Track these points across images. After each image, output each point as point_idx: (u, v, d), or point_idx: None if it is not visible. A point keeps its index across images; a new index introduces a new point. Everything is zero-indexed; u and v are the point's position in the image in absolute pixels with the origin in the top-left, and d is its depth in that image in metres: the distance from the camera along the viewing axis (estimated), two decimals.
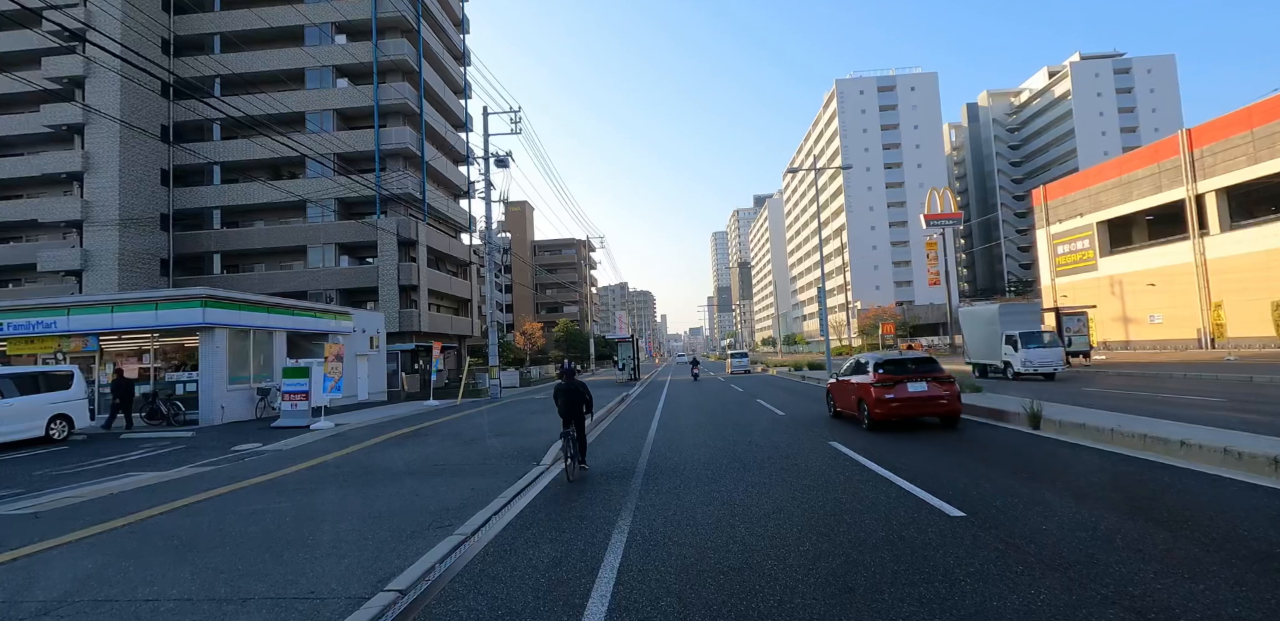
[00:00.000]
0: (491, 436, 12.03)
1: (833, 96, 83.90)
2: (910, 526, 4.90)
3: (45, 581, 4.57)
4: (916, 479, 6.57)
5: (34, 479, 9.36)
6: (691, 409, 16.43)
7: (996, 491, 5.90)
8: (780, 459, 8.23)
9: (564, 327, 68.84)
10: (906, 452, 8.16)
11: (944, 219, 47.81)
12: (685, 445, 9.89)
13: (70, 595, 4.24)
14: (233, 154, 35.03)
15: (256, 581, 4.33)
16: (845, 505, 5.69)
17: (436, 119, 38.87)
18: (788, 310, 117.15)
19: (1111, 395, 14.20)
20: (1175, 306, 31.36)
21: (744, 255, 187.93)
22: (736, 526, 5.16)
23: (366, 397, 24.54)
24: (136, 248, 33.20)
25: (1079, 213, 37.91)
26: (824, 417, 12.65)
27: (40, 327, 17.08)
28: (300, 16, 35.15)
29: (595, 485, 7.21)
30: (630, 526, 5.31)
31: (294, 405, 15.33)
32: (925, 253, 53.25)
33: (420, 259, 35.02)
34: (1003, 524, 4.83)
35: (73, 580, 4.56)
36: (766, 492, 6.36)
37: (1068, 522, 4.79)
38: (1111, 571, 3.76)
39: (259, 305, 19.03)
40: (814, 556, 4.32)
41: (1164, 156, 31.78)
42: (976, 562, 4.01)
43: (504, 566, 4.45)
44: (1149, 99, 76.89)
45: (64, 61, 32.80)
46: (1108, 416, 9.00)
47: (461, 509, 6.19)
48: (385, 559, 4.69)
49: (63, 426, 14.13)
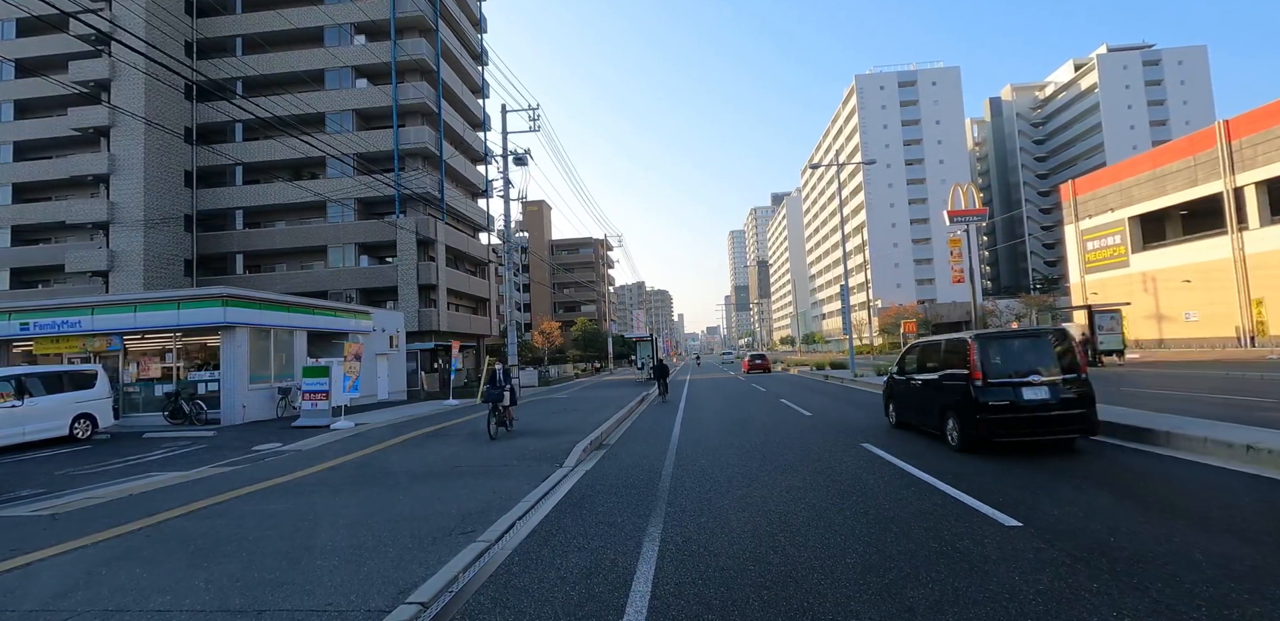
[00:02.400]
0: (512, 436, 11.82)
1: (852, 92, 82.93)
2: (964, 537, 4.57)
3: (57, 588, 4.41)
4: (960, 483, 6.22)
5: (55, 479, 9.33)
6: (714, 408, 16.10)
7: (1051, 499, 5.53)
8: (812, 461, 7.91)
9: (582, 327, 68.77)
10: (942, 455, 7.79)
11: (968, 215, 46.61)
12: (711, 446, 9.59)
13: (82, 604, 4.06)
14: (254, 155, 35.33)
15: (272, 591, 4.12)
16: (888, 512, 5.37)
17: (454, 118, 38.89)
18: (806, 309, 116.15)
19: (1153, 395, 13.64)
20: (1212, 303, 30.38)
21: (762, 254, 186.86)
22: (776, 534, 4.86)
23: (386, 397, 24.54)
24: (161, 248, 33.62)
25: (1110, 208, 36.92)
26: (854, 418, 12.26)
27: (65, 327, 17.23)
28: (320, 17, 35.36)
29: (621, 488, 6.95)
30: (661, 534, 5.03)
31: (314, 404, 15.28)
32: (948, 250, 52.33)
33: (439, 258, 35.05)
34: (1064, 535, 4.48)
35: (85, 587, 4.39)
36: (802, 497, 6.05)
37: (1136, 534, 4.43)
38: (1199, 592, 3.41)
39: (279, 304, 19.05)
40: (862, 569, 4.01)
41: (1200, 149, 30.79)
42: (1044, 579, 3.68)
43: (530, 577, 4.20)
44: (1179, 91, 74.96)
45: (90, 65, 33.31)
46: (1160, 418, 8.54)
47: (484, 513, 5.96)
48: (406, 567, 4.47)
49: (86, 426, 14.19)
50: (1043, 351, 7.50)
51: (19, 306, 18.24)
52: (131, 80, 32.83)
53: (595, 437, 10.72)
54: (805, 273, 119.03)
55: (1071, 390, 7.22)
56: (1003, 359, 7.47)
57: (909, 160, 79.61)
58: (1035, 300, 55.12)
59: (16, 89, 35.90)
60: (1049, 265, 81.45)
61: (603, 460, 8.95)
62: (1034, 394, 7.21)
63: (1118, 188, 36.30)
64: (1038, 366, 7.39)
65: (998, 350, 7.54)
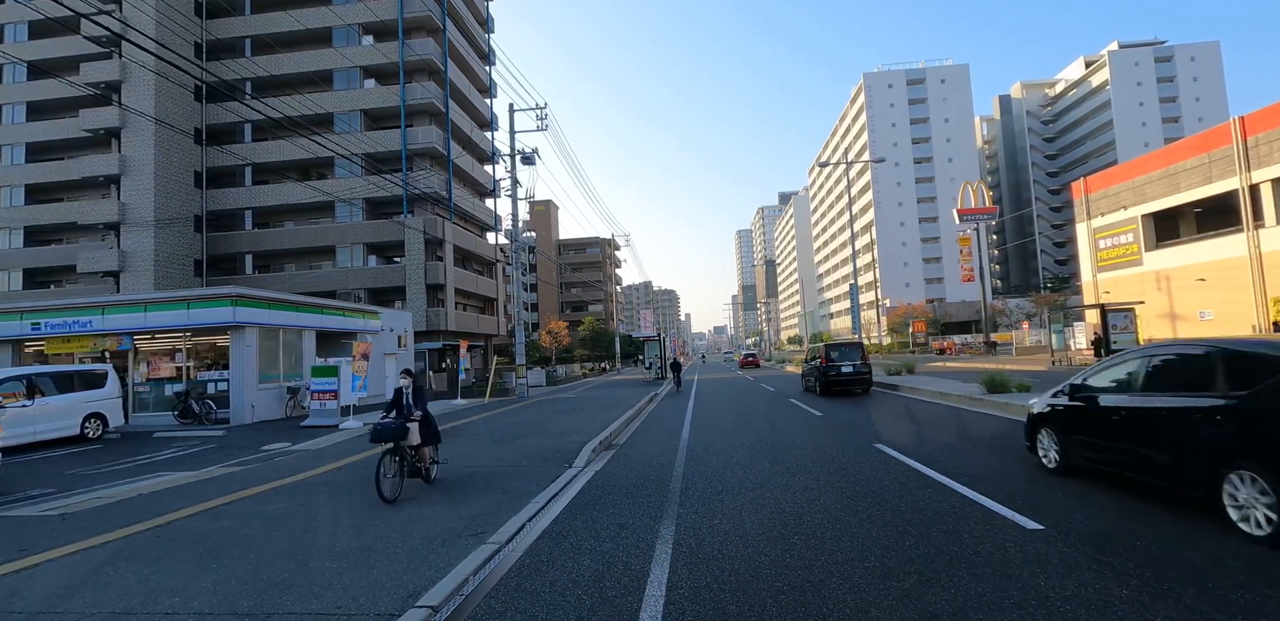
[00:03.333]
0: (521, 436, 11.77)
1: (860, 90, 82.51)
2: (984, 540, 4.46)
3: (64, 589, 4.37)
4: (978, 486, 6.10)
5: (65, 478, 9.34)
6: (723, 408, 16.01)
7: (1073, 502, 5.41)
8: (824, 462, 7.80)
9: (589, 326, 68.75)
10: (961, 457, 7.67)
11: (978, 213, 46.45)
12: (721, 447, 9.50)
13: (89, 606, 4.02)
14: (263, 155, 35.47)
15: (281, 593, 4.06)
16: (905, 514, 5.26)
17: (462, 118, 38.94)
18: (814, 308, 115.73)
19: None
20: (1228, 302, 29.96)
21: (769, 253, 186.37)
22: (790, 537, 4.77)
23: None
24: (171, 249, 33.81)
25: (1122, 205, 36.49)
26: (864, 420, 12.14)
27: (77, 327, 17.30)
28: (328, 17, 35.46)
29: (631, 489, 6.87)
30: (674, 536, 4.95)
31: (323, 404, 15.27)
32: (958, 248, 51.95)
33: (447, 258, 35.08)
34: (1088, 539, 4.36)
35: (92, 588, 4.35)
36: (816, 499, 5.95)
37: (1164, 540, 4.31)
38: (1233, 599, 3.30)
39: (288, 304, 19.08)
40: (882, 574, 3.91)
41: (1215, 145, 30.36)
42: (1072, 585, 3.57)
43: (542, 580, 4.12)
44: (1192, 88, 74.15)
45: (102, 67, 33.53)
46: None
47: (493, 514, 5.89)
48: (415, 569, 4.40)
49: (97, 425, 14.24)
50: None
51: (31, 306, 18.34)
52: (142, 81, 33.03)
53: (604, 438, 10.65)
54: (813, 272, 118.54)
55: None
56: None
57: (917, 158, 79.10)
58: (1045, 299, 54.68)
59: (29, 91, 36.20)
60: (1059, 264, 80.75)
61: (612, 460, 8.88)
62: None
63: (1130, 185, 35.87)
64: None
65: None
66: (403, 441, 6.91)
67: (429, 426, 7.36)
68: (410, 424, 7.02)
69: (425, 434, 7.26)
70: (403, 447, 6.93)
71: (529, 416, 15.93)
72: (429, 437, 7.38)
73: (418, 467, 7.21)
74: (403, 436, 6.87)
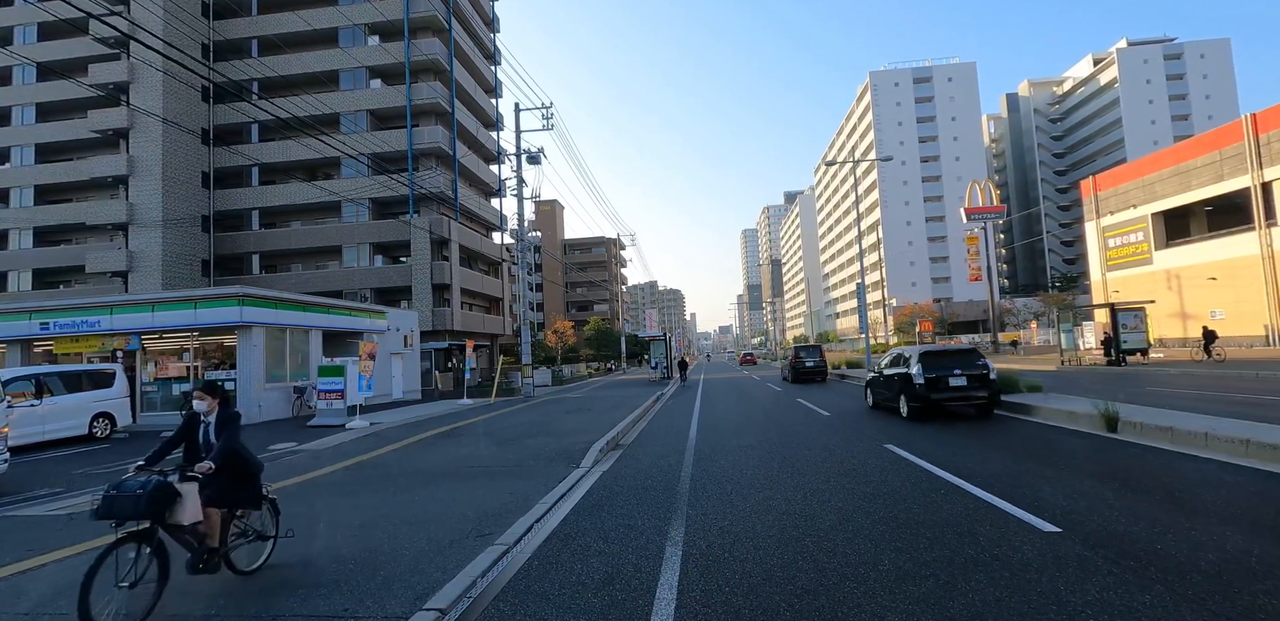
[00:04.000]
0: (528, 436, 11.73)
1: (866, 89, 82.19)
2: (1000, 543, 4.37)
3: (67, 588, 4.33)
4: (993, 487, 6.01)
5: (73, 478, 9.35)
6: (729, 407, 15.92)
7: (1090, 503, 5.31)
8: (834, 463, 7.72)
9: (595, 326, 68.66)
10: (974, 457, 7.57)
11: (985, 212, 46.11)
12: (729, 447, 9.42)
13: None
14: (270, 155, 35.57)
15: (287, 596, 4.02)
16: (918, 517, 5.18)
17: (467, 118, 38.95)
18: (820, 307, 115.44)
19: (1183, 395, 13.28)
20: (1239, 301, 29.69)
21: (775, 252, 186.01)
22: (802, 539, 4.70)
23: (401, 396, 24.58)
24: (179, 249, 33.95)
25: (1132, 204, 36.22)
26: (868, 414, 12.04)
27: (85, 327, 17.38)
28: (335, 18, 35.55)
29: (640, 489, 6.81)
30: (684, 538, 4.88)
31: (329, 404, 15.29)
32: (965, 248, 51.64)
33: (453, 257, 35.10)
34: (1107, 542, 4.28)
35: None
36: (827, 500, 5.87)
37: (1184, 542, 4.21)
38: (1260, 604, 3.21)
39: (295, 304, 19.11)
40: (897, 577, 3.84)
41: (1226, 143, 30.10)
42: (1092, 589, 3.49)
43: (551, 583, 4.06)
44: (1202, 85, 73.53)
45: (110, 68, 33.71)
46: (1197, 419, 8.26)
47: (501, 515, 5.84)
48: (423, 571, 4.35)
49: (105, 424, 14.29)
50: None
51: (39, 306, 18.44)
52: (150, 82, 33.18)
53: (611, 438, 10.60)
54: (819, 271, 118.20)
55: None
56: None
57: (924, 157, 78.73)
58: (1054, 298, 54.27)
59: (39, 92, 36.42)
60: (1068, 263, 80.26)
61: (620, 461, 8.82)
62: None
63: (1140, 183, 35.59)
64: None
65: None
66: (169, 517, 3.82)
67: (238, 478, 4.31)
68: (186, 483, 3.92)
69: (223, 491, 4.17)
70: (163, 528, 3.82)
71: (535, 416, 15.91)
72: (233, 497, 4.25)
73: (206, 557, 3.99)
74: (161, 507, 3.76)
